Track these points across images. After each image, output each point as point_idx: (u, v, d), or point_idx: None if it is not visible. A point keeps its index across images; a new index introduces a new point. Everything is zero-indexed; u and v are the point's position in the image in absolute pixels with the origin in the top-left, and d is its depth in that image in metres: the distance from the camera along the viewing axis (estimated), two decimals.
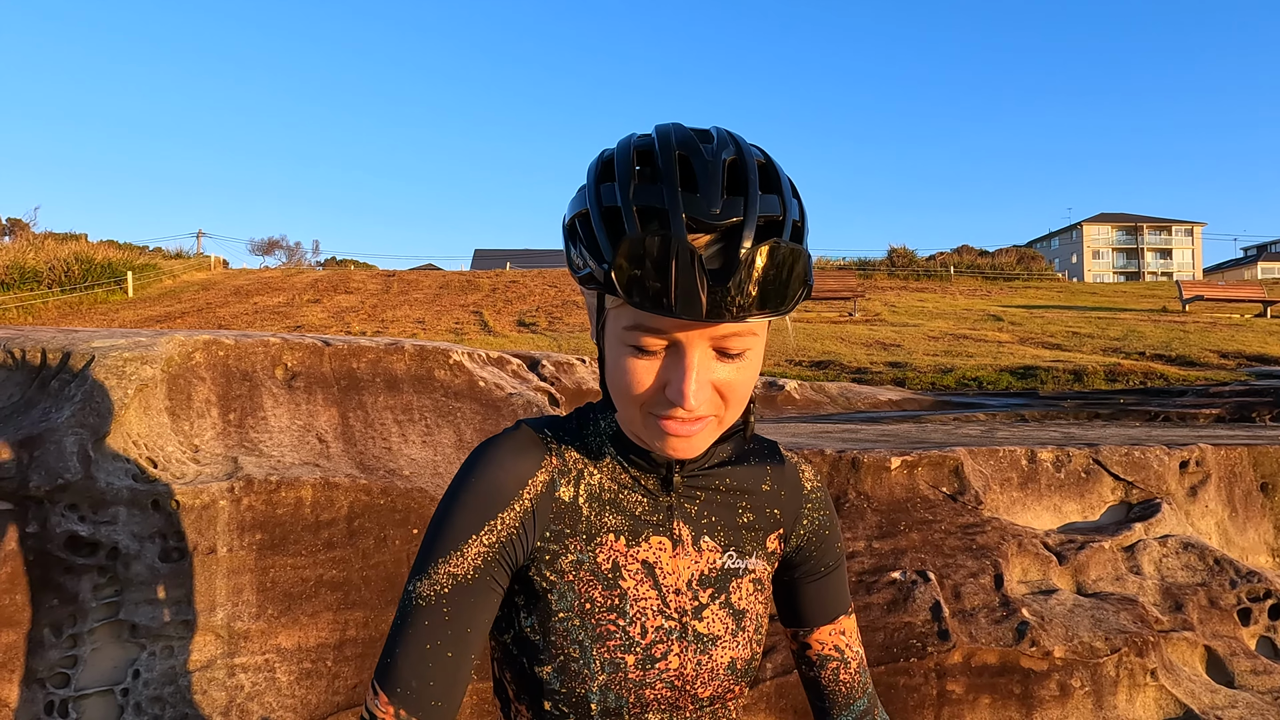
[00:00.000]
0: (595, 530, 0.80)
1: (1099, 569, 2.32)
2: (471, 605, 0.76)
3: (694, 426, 0.73)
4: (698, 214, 0.66)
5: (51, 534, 1.59)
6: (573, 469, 0.81)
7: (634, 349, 0.71)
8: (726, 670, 0.83)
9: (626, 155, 0.71)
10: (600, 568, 0.79)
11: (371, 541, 1.90)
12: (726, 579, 0.84)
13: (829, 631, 0.91)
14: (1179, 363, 10.15)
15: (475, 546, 0.76)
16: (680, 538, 0.82)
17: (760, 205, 0.68)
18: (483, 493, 0.77)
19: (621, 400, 0.74)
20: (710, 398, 0.72)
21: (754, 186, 0.68)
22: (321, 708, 1.78)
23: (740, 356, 0.72)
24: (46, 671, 1.58)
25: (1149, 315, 16.36)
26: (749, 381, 0.74)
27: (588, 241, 0.70)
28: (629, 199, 0.68)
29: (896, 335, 12.79)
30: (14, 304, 17.03)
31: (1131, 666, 2.04)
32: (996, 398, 6.60)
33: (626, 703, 0.78)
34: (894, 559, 2.16)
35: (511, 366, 2.85)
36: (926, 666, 1.95)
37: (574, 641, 0.78)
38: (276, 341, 2.10)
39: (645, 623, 0.79)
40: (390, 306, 16.91)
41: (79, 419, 1.68)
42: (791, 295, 0.68)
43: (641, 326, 0.70)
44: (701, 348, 0.71)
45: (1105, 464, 2.59)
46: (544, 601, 0.79)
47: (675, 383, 0.70)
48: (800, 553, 0.90)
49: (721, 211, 0.67)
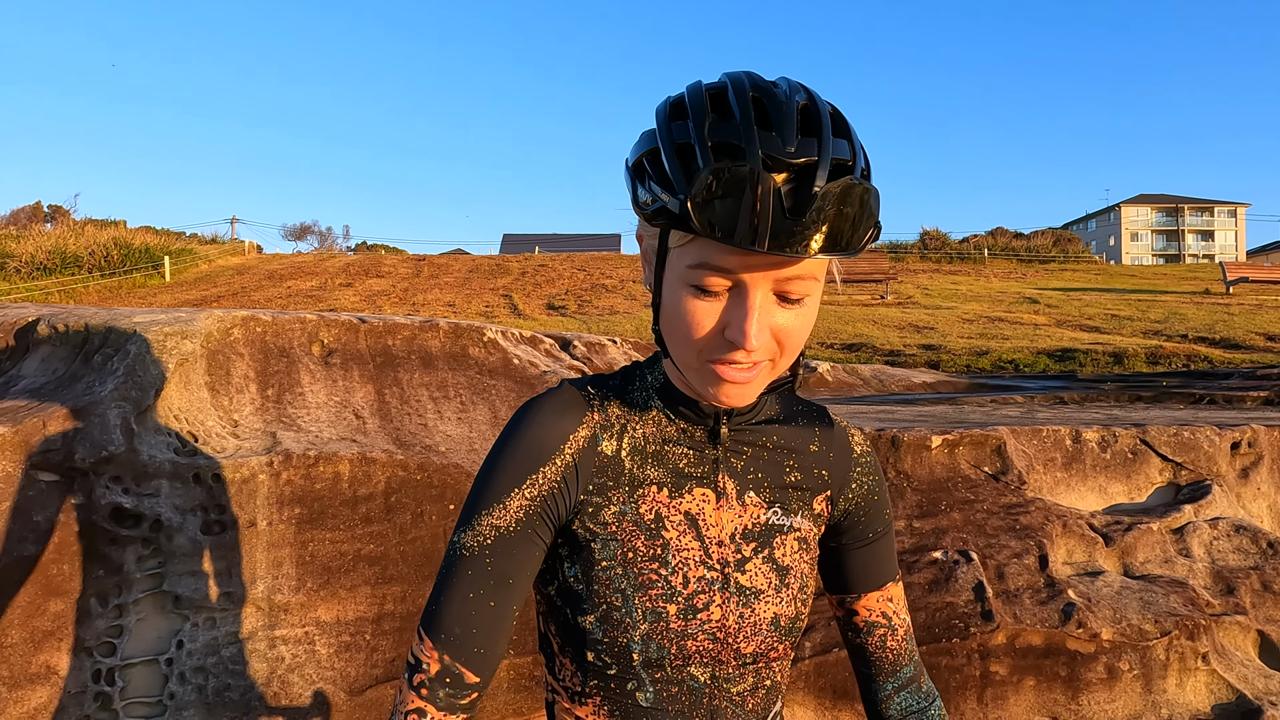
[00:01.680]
0: (638, 482, 0.81)
1: (1147, 551, 2.26)
2: (513, 556, 0.77)
3: (749, 373, 0.73)
4: (773, 151, 0.66)
5: (96, 505, 1.61)
6: (615, 423, 0.82)
7: (696, 289, 0.71)
8: (770, 625, 0.82)
9: (699, 96, 0.71)
10: (643, 518, 0.80)
11: (408, 517, 1.90)
12: (770, 534, 0.84)
13: (877, 599, 0.91)
14: (1223, 345, 9.89)
15: (517, 500, 0.77)
16: (724, 490, 0.83)
17: (833, 148, 0.68)
18: (525, 448, 0.78)
19: (678, 343, 0.74)
20: (768, 342, 0.72)
21: (827, 129, 0.68)
22: (360, 680, 1.79)
23: (800, 302, 0.72)
24: (94, 640, 1.60)
25: (1191, 297, 15.97)
26: (806, 329, 0.74)
27: (658, 177, 0.70)
28: (703, 135, 0.68)
29: (930, 318, 12.62)
30: (56, 288, 17.41)
31: (1182, 650, 1.99)
32: (1034, 380, 6.48)
33: (668, 654, 0.79)
34: (935, 538, 2.12)
35: (544, 346, 2.84)
36: (969, 647, 1.91)
37: (616, 590, 0.79)
38: (313, 319, 2.10)
39: (687, 572, 0.80)
40: (421, 290, 17.04)
41: (122, 392, 1.69)
42: (863, 235, 0.68)
43: (707, 265, 0.69)
44: (764, 290, 0.70)
45: (1153, 444, 2.52)
46: (587, 551, 0.80)
47: (737, 323, 0.70)
48: (849, 518, 0.90)
49: (796, 150, 0.66)
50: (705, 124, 0.68)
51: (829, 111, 0.71)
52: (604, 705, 0.81)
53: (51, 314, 2.08)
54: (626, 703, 0.80)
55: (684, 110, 0.71)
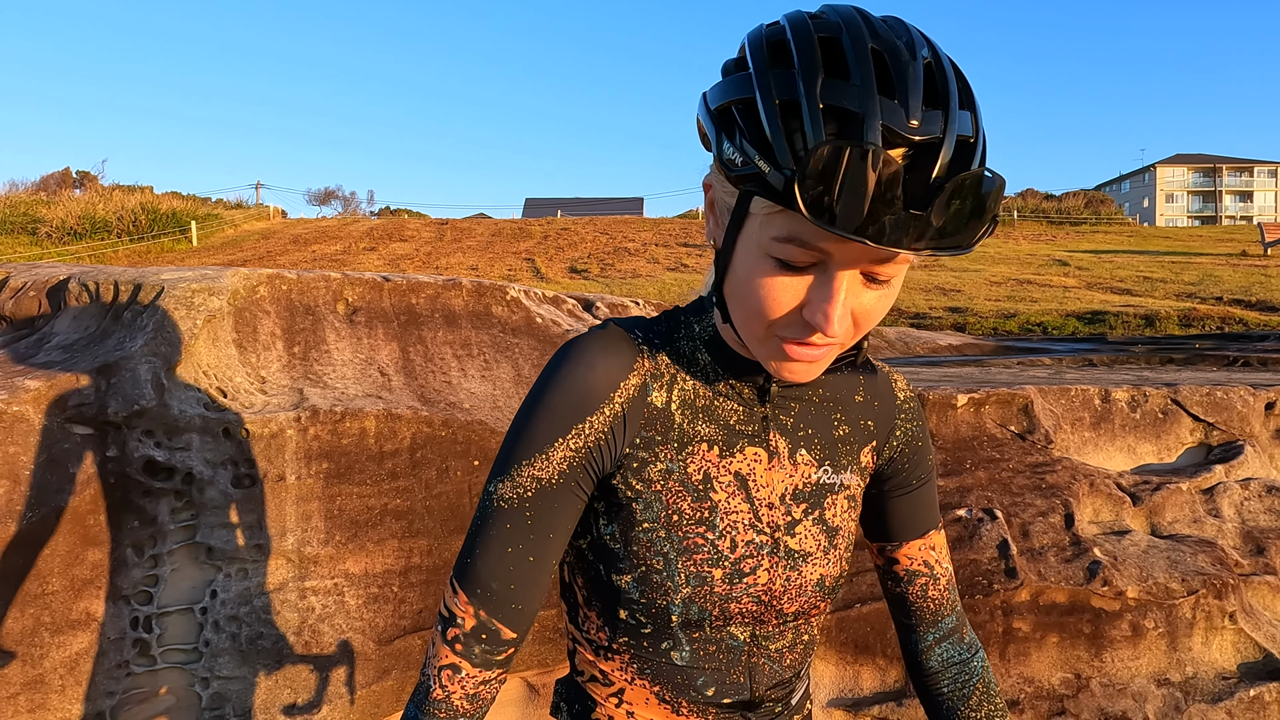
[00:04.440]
0: (688, 439, 0.75)
1: (1175, 511, 2.24)
2: (555, 510, 0.73)
3: (821, 351, 0.67)
4: (894, 124, 0.57)
5: (130, 458, 1.64)
6: (665, 373, 0.76)
7: (778, 263, 0.63)
8: (815, 587, 0.80)
9: (808, 40, 0.60)
10: (690, 478, 0.75)
11: (434, 472, 1.92)
12: (821, 494, 0.80)
13: (919, 546, 0.87)
14: (1259, 308, 9.68)
15: (561, 451, 0.72)
16: (776, 450, 0.78)
17: (958, 123, 0.59)
18: (571, 394, 0.72)
19: (748, 315, 0.67)
20: (847, 325, 0.66)
21: (954, 100, 0.59)
22: (389, 631, 1.83)
23: (887, 284, 0.65)
24: (131, 589, 1.64)
25: (1226, 259, 15.61)
26: (886, 309, 0.68)
27: (753, 135, 0.61)
28: (814, 94, 0.58)
29: (956, 281, 12.45)
30: (86, 252, 17.66)
31: (1209, 609, 1.98)
32: (1062, 343, 6.38)
33: (710, 615, 0.76)
34: (959, 497, 2.11)
35: (567, 306, 2.84)
36: (993, 604, 1.91)
37: (658, 554, 0.74)
38: (337, 277, 2.11)
39: (735, 537, 0.76)
40: (444, 254, 17.07)
41: (151, 348, 1.72)
42: (982, 230, 0.60)
43: (797, 240, 0.62)
44: (854, 272, 0.64)
45: (1184, 404, 2.48)
46: (627, 510, 0.75)
47: (819, 304, 0.63)
48: (892, 465, 0.85)
49: (920, 125, 0.58)
50: (817, 82, 0.58)
51: (954, 75, 0.61)
52: (633, 662, 0.78)
53: (82, 273, 2.10)
54: (659, 661, 0.77)
55: (788, 55, 0.61)
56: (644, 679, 0.78)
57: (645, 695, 0.79)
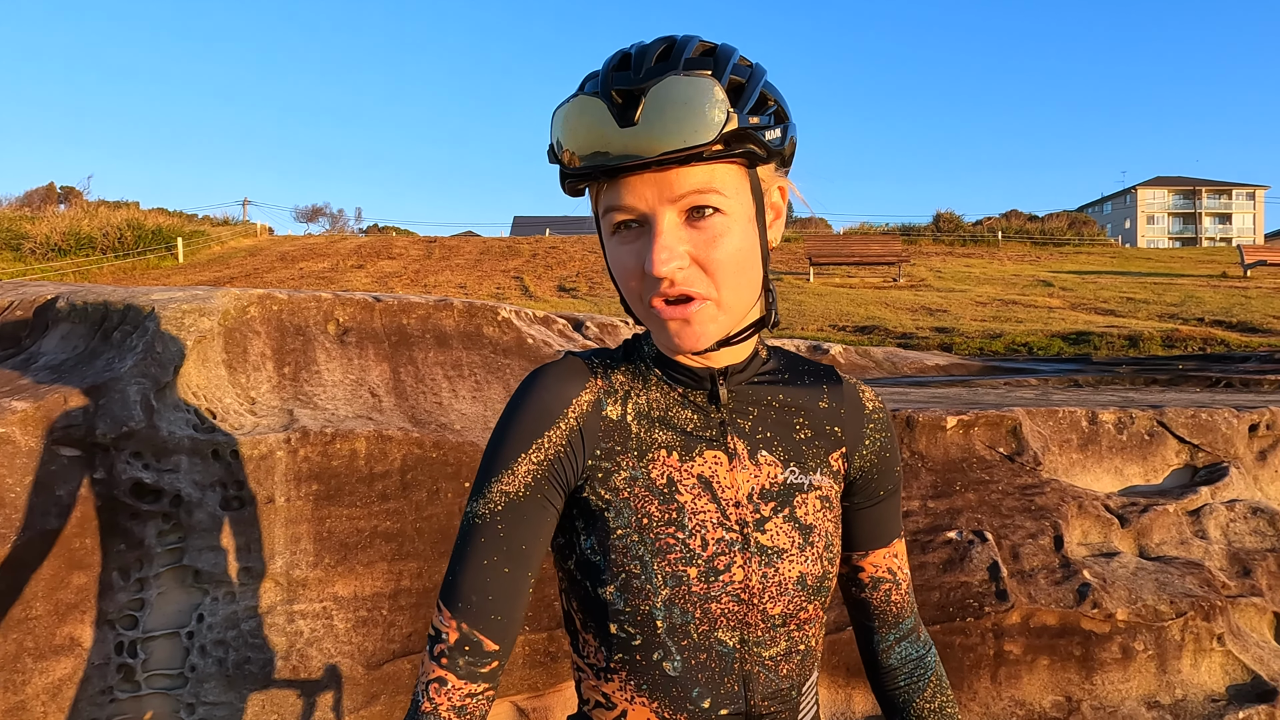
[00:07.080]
0: (646, 446, 0.81)
1: (1163, 532, 2.26)
2: (525, 522, 0.78)
3: (688, 308, 0.74)
4: (622, 84, 0.70)
5: (118, 480, 1.62)
6: (619, 389, 0.83)
7: (614, 237, 0.75)
8: (796, 585, 0.81)
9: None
10: (655, 483, 0.80)
11: (424, 494, 1.91)
12: (790, 493, 0.83)
13: (884, 555, 0.91)
14: (1241, 329, 9.80)
15: (525, 465, 0.78)
16: (736, 451, 0.82)
17: (685, 65, 0.70)
18: (529, 414, 0.79)
19: (627, 298, 0.77)
20: (693, 273, 0.73)
21: (685, 54, 0.71)
22: (378, 655, 1.81)
23: (709, 221, 0.73)
24: (116, 613, 1.62)
25: (1208, 281, 15.81)
26: (733, 256, 0.74)
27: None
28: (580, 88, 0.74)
29: (943, 301, 12.55)
30: (71, 269, 17.52)
31: (1197, 631, 1.99)
32: (1048, 363, 6.43)
33: (693, 618, 0.78)
34: (949, 519, 2.12)
35: (558, 326, 2.84)
36: (983, 626, 1.92)
37: (634, 558, 0.78)
38: (328, 297, 2.11)
39: (705, 535, 0.79)
40: (432, 272, 17.06)
41: (141, 369, 1.71)
42: (708, 124, 0.69)
43: (612, 206, 0.73)
44: (669, 216, 0.72)
45: (1170, 426, 2.50)
46: (601, 521, 0.79)
47: (646, 251, 0.72)
48: (863, 475, 0.89)
49: (643, 76, 0.70)
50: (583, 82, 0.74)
51: (702, 49, 0.73)
52: (630, 679, 0.80)
53: (70, 292, 2.09)
54: (654, 674, 0.79)
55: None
56: (642, 696, 0.80)
57: (646, 714, 0.80)
